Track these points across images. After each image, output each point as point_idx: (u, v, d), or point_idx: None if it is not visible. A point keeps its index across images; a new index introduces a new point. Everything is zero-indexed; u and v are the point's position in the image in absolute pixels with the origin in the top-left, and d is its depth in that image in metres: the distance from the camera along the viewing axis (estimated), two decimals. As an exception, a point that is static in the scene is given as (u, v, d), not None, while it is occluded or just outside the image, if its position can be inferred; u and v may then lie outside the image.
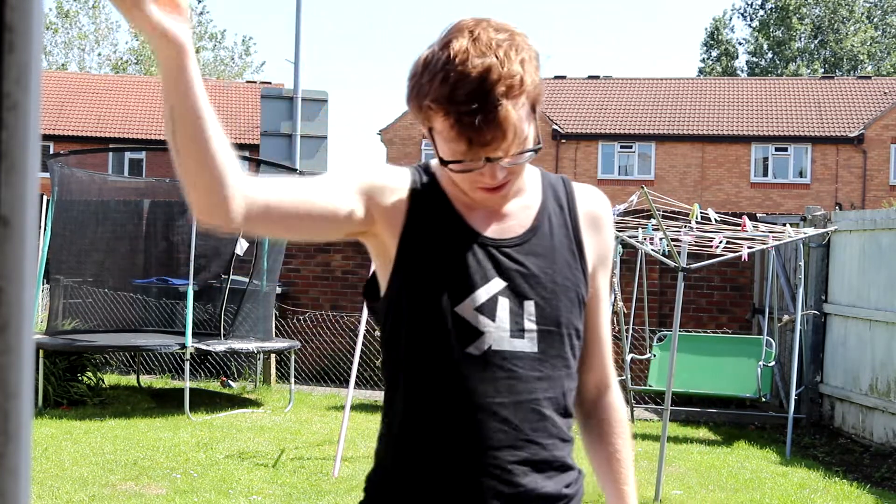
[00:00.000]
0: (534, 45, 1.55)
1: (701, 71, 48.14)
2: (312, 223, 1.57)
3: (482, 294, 1.61)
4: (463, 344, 1.60)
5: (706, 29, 50.89)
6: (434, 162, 1.68)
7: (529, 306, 1.63)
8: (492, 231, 1.65)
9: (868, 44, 46.56)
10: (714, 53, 49.00)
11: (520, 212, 1.69)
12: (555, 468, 1.64)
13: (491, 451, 1.58)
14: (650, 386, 8.67)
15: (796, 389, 8.24)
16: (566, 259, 1.68)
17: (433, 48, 1.54)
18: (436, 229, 1.63)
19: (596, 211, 1.75)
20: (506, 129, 1.47)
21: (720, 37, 48.77)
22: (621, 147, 30.67)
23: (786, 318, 8.82)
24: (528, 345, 1.62)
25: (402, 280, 1.63)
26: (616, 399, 1.81)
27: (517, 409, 1.60)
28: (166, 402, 9.02)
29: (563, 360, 1.66)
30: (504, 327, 1.61)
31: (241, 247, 9.69)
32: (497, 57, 1.47)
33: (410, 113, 1.57)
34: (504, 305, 1.61)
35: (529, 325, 1.63)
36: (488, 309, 1.61)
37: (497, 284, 1.62)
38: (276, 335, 10.41)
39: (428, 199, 1.65)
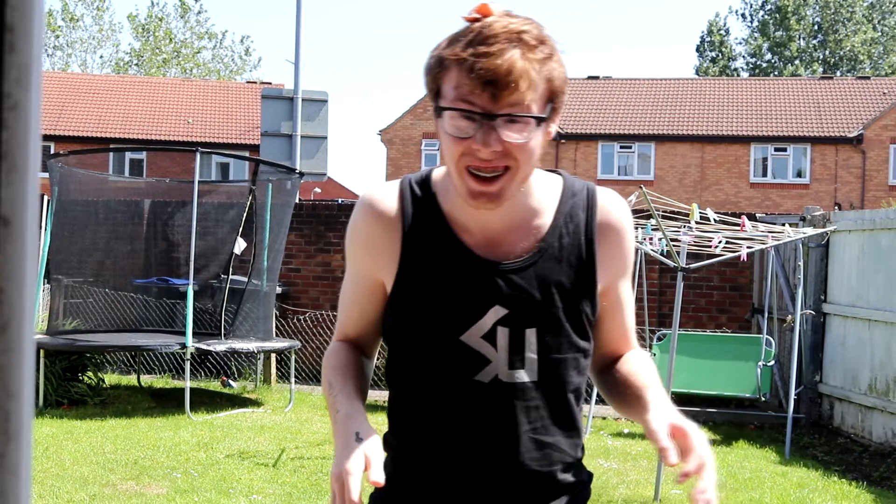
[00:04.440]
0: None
1: (697, 72, 48.08)
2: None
3: (485, 322, 1.56)
4: (471, 372, 1.57)
5: (701, 32, 50.88)
6: (436, 173, 1.65)
7: (531, 335, 1.57)
8: (492, 253, 1.58)
9: (867, 44, 46.54)
10: (710, 55, 48.96)
11: (525, 232, 1.61)
12: (557, 493, 1.63)
13: (495, 482, 1.58)
14: (650, 386, 8.66)
15: (795, 389, 8.24)
16: (573, 282, 1.60)
17: None
18: (433, 255, 1.58)
19: (615, 222, 1.65)
20: (517, 78, 1.42)
21: (714, 38, 48.73)
22: (621, 147, 30.66)
23: (789, 318, 8.82)
24: (527, 375, 1.57)
25: (403, 311, 1.59)
26: (638, 351, 1.75)
27: (521, 441, 1.58)
28: (167, 402, 9.02)
29: (568, 384, 1.62)
30: (504, 357, 1.56)
31: (239, 246, 9.69)
32: (527, 24, 1.47)
33: (426, 83, 1.54)
34: (504, 334, 1.56)
35: (530, 354, 1.57)
36: (491, 337, 1.56)
37: (497, 312, 1.56)
38: (277, 335, 10.41)
39: (423, 222, 1.59)
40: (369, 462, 1.44)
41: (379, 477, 1.43)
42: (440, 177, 1.64)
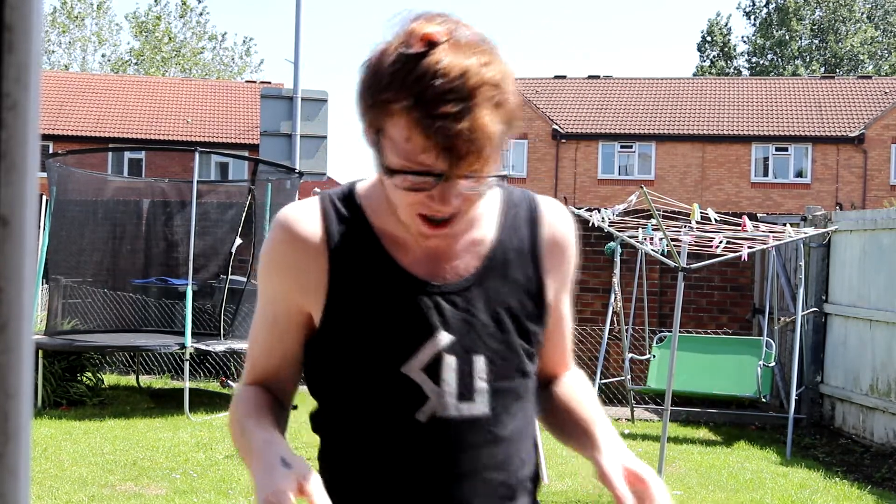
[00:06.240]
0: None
1: (697, 72, 48.09)
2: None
3: (427, 351, 1.39)
4: (411, 409, 1.39)
5: (701, 31, 50.91)
6: (360, 186, 1.48)
7: (479, 362, 1.41)
8: (433, 274, 1.42)
9: (868, 44, 46.58)
10: (711, 54, 48.98)
11: (468, 248, 1.44)
12: None
13: None
14: (650, 386, 8.66)
15: (797, 390, 8.24)
16: (522, 301, 1.45)
17: (395, 39, 1.29)
18: (366, 279, 1.41)
19: (559, 236, 1.51)
20: (483, 143, 1.25)
21: (716, 38, 48.75)
22: (621, 147, 30.68)
23: (781, 319, 8.82)
24: (479, 407, 1.41)
25: (335, 344, 1.42)
26: (577, 374, 1.62)
27: (466, 483, 1.40)
28: (166, 403, 9.01)
29: (522, 413, 1.47)
30: (451, 390, 1.39)
31: (236, 243, 9.69)
32: (478, 58, 1.26)
33: (359, 111, 1.34)
34: (451, 364, 1.39)
35: (480, 384, 1.41)
36: (434, 369, 1.39)
37: (442, 339, 1.39)
38: (276, 335, 10.41)
39: (352, 242, 1.42)
40: (303, 486, 1.26)
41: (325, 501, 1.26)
42: (367, 190, 1.47)
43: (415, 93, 1.24)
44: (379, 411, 1.41)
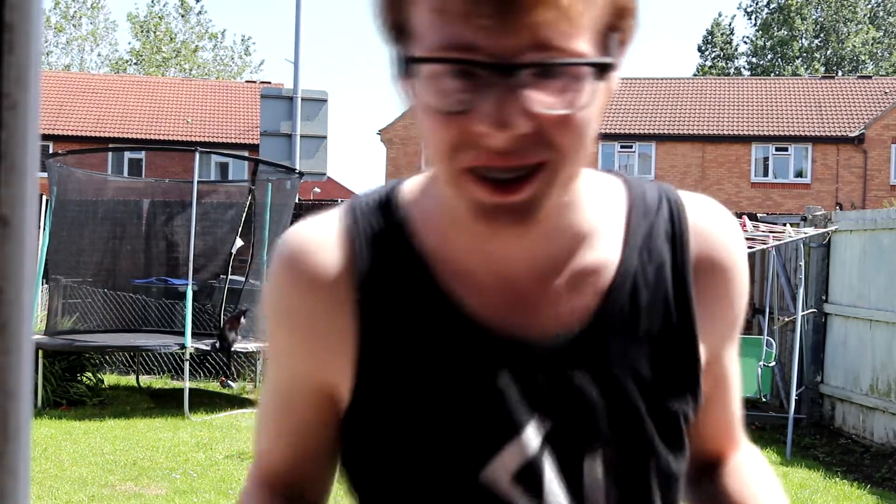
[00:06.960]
0: None
1: (697, 72, 48.13)
2: (333, 448, 0.99)
3: (517, 450, 0.89)
4: None
5: (706, 30, 50.95)
6: (405, 188, 0.95)
7: (592, 465, 0.91)
8: (519, 325, 0.90)
9: (870, 44, 46.60)
10: (712, 54, 49.03)
11: (577, 281, 0.91)
12: None
13: None
14: (650, 386, 8.68)
15: (797, 390, 8.24)
16: (659, 364, 0.93)
17: None
18: (411, 335, 0.90)
19: (720, 254, 0.97)
20: None
21: (717, 38, 48.79)
22: (621, 147, 30.69)
23: (783, 319, 8.82)
24: None
25: (372, 435, 0.93)
26: (751, 454, 1.10)
27: None
28: (166, 403, 9.02)
29: None
30: (558, 502, 0.90)
31: (236, 245, 9.70)
32: None
33: (375, 7, 0.84)
34: (554, 468, 0.90)
35: (593, 496, 0.91)
36: (529, 475, 0.89)
37: (538, 431, 0.89)
38: (276, 335, 10.42)
39: (390, 277, 0.91)
40: None
41: None
42: (414, 193, 0.95)
43: None
44: None
